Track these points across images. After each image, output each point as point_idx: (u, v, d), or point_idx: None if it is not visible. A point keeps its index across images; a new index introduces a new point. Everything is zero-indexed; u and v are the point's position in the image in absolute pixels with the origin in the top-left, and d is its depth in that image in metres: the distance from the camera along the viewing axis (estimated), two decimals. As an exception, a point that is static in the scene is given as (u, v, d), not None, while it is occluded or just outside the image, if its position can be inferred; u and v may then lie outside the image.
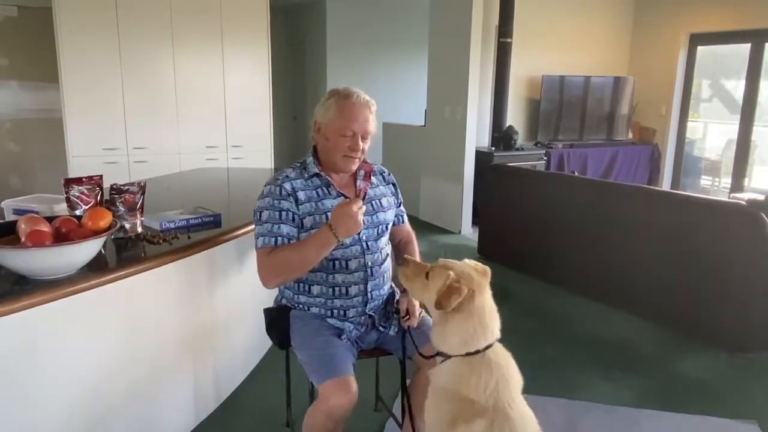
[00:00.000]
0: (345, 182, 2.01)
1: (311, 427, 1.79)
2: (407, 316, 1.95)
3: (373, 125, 1.95)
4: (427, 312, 1.77)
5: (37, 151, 5.74)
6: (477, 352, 1.57)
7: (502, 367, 1.57)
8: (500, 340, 1.65)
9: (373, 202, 2.01)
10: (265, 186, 1.95)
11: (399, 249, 2.16)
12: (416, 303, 1.94)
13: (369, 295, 1.97)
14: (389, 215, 2.06)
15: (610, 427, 2.57)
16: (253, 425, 2.53)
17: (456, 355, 1.59)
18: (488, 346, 1.59)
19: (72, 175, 4.04)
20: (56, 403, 1.80)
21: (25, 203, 2.32)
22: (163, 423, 2.28)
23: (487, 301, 1.64)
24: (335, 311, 1.96)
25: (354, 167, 1.97)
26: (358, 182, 2.01)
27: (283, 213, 1.87)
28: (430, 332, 1.70)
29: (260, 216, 1.89)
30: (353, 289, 1.95)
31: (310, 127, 2.00)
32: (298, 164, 2.01)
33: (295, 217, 1.88)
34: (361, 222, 1.81)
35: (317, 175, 1.97)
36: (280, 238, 1.85)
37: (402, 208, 2.19)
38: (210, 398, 2.57)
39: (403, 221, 2.19)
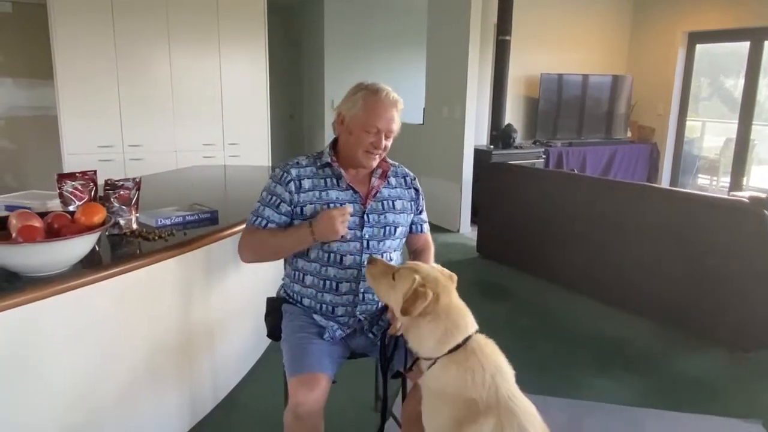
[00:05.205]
0: (360, 178, 1.98)
1: (285, 425, 1.76)
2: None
3: (397, 124, 1.93)
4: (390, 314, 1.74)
5: (32, 148, 5.68)
6: (458, 347, 1.56)
7: (490, 357, 1.55)
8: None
9: (385, 202, 1.98)
10: (276, 168, 1.98)
11: (413, 257, 2.12)
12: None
13: (361, 296, 1.92)
14: (401, 218, 2.00)
15: (612, 426, 2.54)
16: (251, 425, 2.49)
17: (439, 357, 1.56)
18: (467, 339, 1.57)
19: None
20: (48, 403, 1.76)
21: (18, 199, 2.28)
22: (159, 423, 2.24)
23: (453, 301, 1.63)
24: (324, 306, 1.93)
25: (374, 164, 1.95)
26: (373, 180, 1.98)
27: (274, 198, 1.90)
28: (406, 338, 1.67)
29: (261, 195, 1.95)
30: (344, 286, 1.91)
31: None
32: (315, 153, 2.00)
33: (282, 204, 1.89)
34: (340, 230, 1.80)
35: (329, 165, 1.94)
36: (260, 219, 1.91)
37: (423, 216, 2.12)
38: (207, 398, 2.53)
39: (421, 230, 2.12)
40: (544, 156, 6.24)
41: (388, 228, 1.96)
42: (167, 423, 2.28)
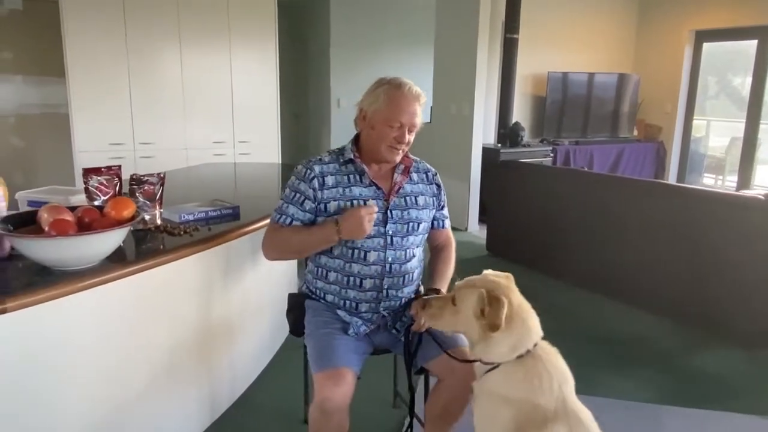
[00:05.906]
0: (382, 174, 1.97)
1: (310, 421, 1.76)
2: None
3: (420, 118, 1.91)
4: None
5: (42, 146, 5.68)
6: (527, 352, 1.55)
7: (555, 365, 1.54)
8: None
9: (408, 198, 1.97)
10: (298, 165, 1.98)
11: (434, 253, 2.12)
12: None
13: (384, 292, 1.92)
14: (424, 214, 2.00)
15: (631, 423, 2.54)
16: (267, 422, 2.50)
17: (506, 361, 1.55)
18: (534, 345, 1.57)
19: (77, 170, 4.01)
20: (75, 397, 1.76)
21: (40, 194, 2.28)
22: (179, 421, 2.24)
23: (522, 303, 1.63)
24: (347, 302, 1.93)
25: (398, 158, 1.94)
26: (396, 175, 1.97)
27: (298, 195, 1.90)
28: (469, 349, 1.68)
29: (284, 193, 1.95)
30: (368, 283, 1.91)
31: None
32: (337, 149, 1.99)
33: (306, 201, 1.88)
34: (367, 229, 1.80)
35: (352, 161, 1.93)
36: (284, 217, 1.90)
37: (444, 212, 2.12)
38: (225, 395, 2.53)
39: (443, 226, 2.11)
40: (551, 154, 6.24)
41: (411, 224, 1.95)
42: (186, 421, 2.28)
